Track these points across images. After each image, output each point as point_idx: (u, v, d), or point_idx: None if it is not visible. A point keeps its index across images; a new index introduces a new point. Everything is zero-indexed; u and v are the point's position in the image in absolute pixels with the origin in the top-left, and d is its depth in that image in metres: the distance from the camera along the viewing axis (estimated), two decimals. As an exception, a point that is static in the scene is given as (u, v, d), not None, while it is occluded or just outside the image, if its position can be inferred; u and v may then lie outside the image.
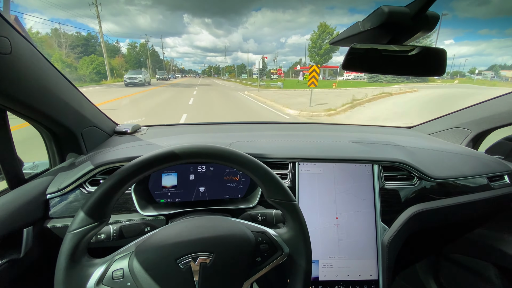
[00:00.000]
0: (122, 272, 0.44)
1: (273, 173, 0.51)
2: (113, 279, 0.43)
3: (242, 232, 0.49)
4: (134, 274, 0.43)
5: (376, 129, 1.42)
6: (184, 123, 1.33)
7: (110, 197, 0.45)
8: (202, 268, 0.44)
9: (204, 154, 0.49)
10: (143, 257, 0.44)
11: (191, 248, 0.45)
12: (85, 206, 0.44)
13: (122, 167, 0.46)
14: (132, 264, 0.44)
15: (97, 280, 0.43)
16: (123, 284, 0.43)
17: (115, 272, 0.44)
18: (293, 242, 0.50)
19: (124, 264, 0.44)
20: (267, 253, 0.49)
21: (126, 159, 0.76)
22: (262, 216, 0.69)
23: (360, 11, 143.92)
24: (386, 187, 0.86)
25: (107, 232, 0.61)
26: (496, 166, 1.02)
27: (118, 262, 0.45)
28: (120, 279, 0.43)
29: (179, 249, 0.45)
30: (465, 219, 1.11)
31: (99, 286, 0.42)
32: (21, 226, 0.62)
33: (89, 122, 0.89)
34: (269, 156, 0.83)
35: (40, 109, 0.66)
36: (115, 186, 0.45)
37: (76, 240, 0.43)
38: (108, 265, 0.45)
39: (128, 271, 0.44)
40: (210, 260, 0.44)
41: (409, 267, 1.42)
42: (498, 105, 1.11)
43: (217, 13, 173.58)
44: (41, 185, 0.71)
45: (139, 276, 0.43)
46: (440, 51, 0.58)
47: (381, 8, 0.53)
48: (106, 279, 0.43)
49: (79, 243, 0.43)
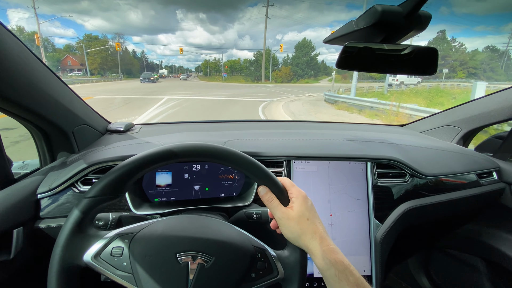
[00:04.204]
0: (121, 251, 0.44)
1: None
2: (111, 255, 0.43)
3: (245, 243, 0.48)
4: (132, 255, 0.44)
5: (369, 127, 1.44)
6: (178, 121, 1.32)
7: (132, 175, 0.45)
8: (199, 268, 0.44)
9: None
10: (145, 242, 0.45)
11: (194, 246, 0.45)
12: (109, 176, 0.44)
13: (152, 151, 0.46)
14: (133, 245, 0.44)
15: (96, 252, 0.43)
16: (119, 263, 0.43)
17: (114, 249, 0.44)
18: (290, 267, 0.49)
19: (125, 244, 0.45)
20: (263, 271, 0.48)
21: (120, 157, 0.75)
22: (257, 214, 0.69)
23: (357, 7, 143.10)
24: (379, 184, 0.88)
25: (106, 219, 0.60)
26: (485, 163, 1.05)
27: (120, 240, 0.45)
28: (118, 257, 0.43)
29: (182, 244, 0.45)
30: (455, 214, 1.14)
31: (96, 258, 0.43)
32: (11, 227, 0.61)
33: (80, 120, 0.87)
34: (264, 154, 0.83)
35: (29, 107, 0.64)
36: (140, 166, 0.45)
37: (89, 206, 0.43)
38: (110, 240, 0.45)
39: (128, 252, 0.44)
40: (209, 263, 0.44)
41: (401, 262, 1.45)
42: (486, 103, 1.14)
43: (213, 7, 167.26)
44: (32, 184, 0.69)
45: (136, 259, 0.43)
46: (432, 50, 0.59)
47: (374, 7, 0.53)
48: (104, 254, 0.43)
49: (90, 211, 0.43)
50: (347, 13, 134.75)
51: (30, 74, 0.62)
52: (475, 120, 1.17)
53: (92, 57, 50.89)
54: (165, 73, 60.34)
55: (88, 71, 47.57)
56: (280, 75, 44.45)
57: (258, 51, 50.74)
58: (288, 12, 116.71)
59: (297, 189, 0.49)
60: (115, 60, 50.18)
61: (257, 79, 45.41)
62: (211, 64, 72.14)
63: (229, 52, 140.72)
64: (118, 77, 44.60)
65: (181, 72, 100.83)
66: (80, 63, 51.81)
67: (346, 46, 0.57)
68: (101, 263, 0.43)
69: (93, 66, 51.04)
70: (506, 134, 1.14)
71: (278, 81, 42.45)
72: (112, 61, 52.49)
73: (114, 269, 0.43)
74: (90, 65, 49.77)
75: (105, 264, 0.43)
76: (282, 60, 51.92)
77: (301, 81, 44.24)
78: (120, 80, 41.20)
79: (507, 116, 1.05)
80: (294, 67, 46.42)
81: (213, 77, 61.85)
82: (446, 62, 40.78)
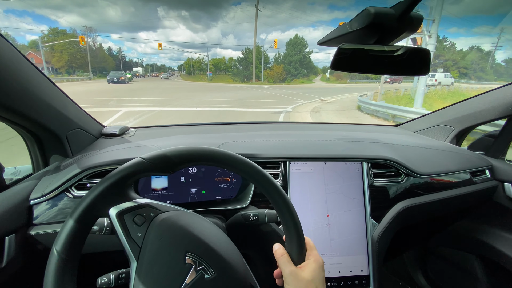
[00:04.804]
0: (142, 221, 0.45)
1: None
2: (133, 220, 0.45)
3: (246, 277, 0.48)
4: (149, 230, 0.44)
5: (364, 128, 1.45)
6: (173, 124, 1.31)
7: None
8: (198, 276, 0.43)
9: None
10: (166, 225, 0.46)
11: (205, 254, 0.45)
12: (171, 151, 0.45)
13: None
14: (155, 222, 0.45)
15: (124, 209, 0.45)
16: (136, 230, 0.44)
17: (137, 217, 0.45)
18: None
19: (150, 217, 0.46)
20: None
21: (114, 161, 0.74)
22: (254, 216, 0.69)
23: (339, 7, 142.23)
24: (375, 184, 0.88)
25: (101, 224, 0.60)
26: (478, 161, 1.07)
27: (146, 210, 0.46)
28: (137, 226, 0.45)
29: (196, 245, 0.45)
30: (450, 213, 1.16)
31: (119, 217, 0.44)
32: (3, 234, 0.59)
33: (74, 125, 0.86)
34: (260, 155, 0.83)
35: (21, 111, 0.63)
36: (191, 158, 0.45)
37: (141, 168, 0.43)
38: (139, 206, 0.46)
39: (147, 224, 0.45)
40: (209, 277, 0.44)
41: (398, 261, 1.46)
42: (478, 103, 1.16)
43: (195, 5, 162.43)
44: (24, 190, 0.68)
45: (151, 235, 0.44)
46: (424, 51, 0.60)
47: (367, 9, 0.54)
48: (128, 216, 0.45)
49: (140, 173, 0.44)
50: (329, 14, 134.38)
51: (22, 78, 0.61)
52: (467, 119, 1.19)
53: (58, 53, 43.97)
54: (140, 71, 51.06)
55: (54, 69, 42.24)
56: (272, 75, 39.96)
57: (247, 48, 43.84)
58: (272, 11, 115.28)
59: (317, 253, 0.48)
60: (85, 58, 43.21)
61: (247, 79, 40.17)
62: (195, 63, 66.14)
63: (213, 50, 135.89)
64: (88, 76, 39.06)
65: (162, 71, 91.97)
66: (46, 60, 42.58)
67: (340, 48, 0.58)
68: (121, 223, 0.44)
69: (60, 63, 44.00)
70: (497, 132, 1.16)
71: (270, 81, 38.71)
72: (82, 58, 45.19)
73: (127, 234, 0.44)
74: (56, 63, 43.50)
75: (123, 225, 0.44)
76: (274, 58, 47.37)
77: (295, 81, 40.79)
78: (89, 79, 35.80)
79: (498, 115, 1.07)
80: (287, 66, 42.43)
81: (197, 76, 54.66)
82: (439, 62, 41.30)
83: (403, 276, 1.43)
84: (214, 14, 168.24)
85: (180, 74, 73.85)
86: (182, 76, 62.90)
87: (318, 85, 33.48)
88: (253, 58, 36.62)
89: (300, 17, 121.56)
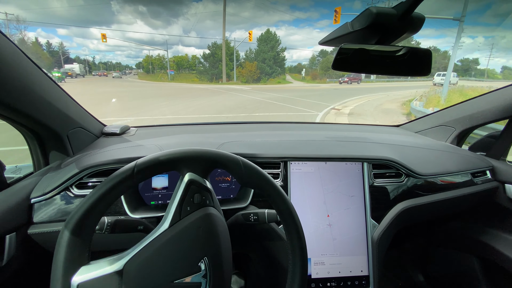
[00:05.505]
0: (199, 201, 0.47)
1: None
2: (193, 194, 0.46)
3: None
4: (197, 212, 0.46)
5: (365, 128, 1.45)
6: (174, 124, 1.31)
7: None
8: (195, 286, 0.43)
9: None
10: (209, 221, 0.47)
11: (215, 269, 0.45)
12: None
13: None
14: (205, 210, 0.47)
15: (196, 180, 0.47)
16: (188, 204, 0.46)
17: (198, 194, 0.47)
18: None
19: (205, 203, 0.47)
20: None
21: (115, 161, 0.74)
22: (254, 216, 0.69)
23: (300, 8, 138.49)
24: (376, 184, 0.88)
25: (101, 223, 0.59)
26: (479, 162, 1.06)
27: (208, 195, 0.48)
28: (191, 201, 0.46)
29: (214, 258, 0.45)
30: (450, 214, 1.15)
31: (191, 184, 0.47)
32: (3, 232, 0.59)
33: (75, 124, 0.86)
34: (261, 155, 0.83)
35: (22, 110, 0.63)
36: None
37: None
38: (206, 189, 0.48)
39: (198, 207, 0.47)
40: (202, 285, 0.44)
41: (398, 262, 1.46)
42: (479, 104, 1.15)
43: (153, 0, 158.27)
44: (25, 189, 0.68)
45: (195, 218, 0.45)
46: (426, 51, 0.60)
47: (369, 9, 0.54)
48: (194, 188, 0.47)
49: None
50: (291, 14, 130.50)
51: (24, 77, 0.61)
52: (468, 120, 1.19)
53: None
54: (75, 69, 37.90)
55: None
56: (245, 73, 33.15)
57: (214, 43, 36.19)
58: (235, 10, 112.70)
59: None
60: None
61: (216, 78, 34.16)
62: (154, 60, 57.47)
63: (175, 48, 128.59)
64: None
65: (118, 69, 79.74)
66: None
67: (341, 48, 0.58)
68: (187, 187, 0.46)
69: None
70: (498, 133, 1.16)
71: (243, 80, 32.43)
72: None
73: (182, 199, 0.46)
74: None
75: (186, 190, 0.46)
76: (245, 55, 38.88)
77: (271, 80, 34.36)
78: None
79: (499, 116, 1.07)
80: (260, 64, 35.22)
81: (157, 75, 47.38)
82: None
83: (403, 276, 1.43)
84: (175, 10, 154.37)
85: (137, 73, 64.06)
86: (139, 75, 54.28)
87: (298, 86, 27.56)
88: (222, 54, 29.25)
89: (263, 17, 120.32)
